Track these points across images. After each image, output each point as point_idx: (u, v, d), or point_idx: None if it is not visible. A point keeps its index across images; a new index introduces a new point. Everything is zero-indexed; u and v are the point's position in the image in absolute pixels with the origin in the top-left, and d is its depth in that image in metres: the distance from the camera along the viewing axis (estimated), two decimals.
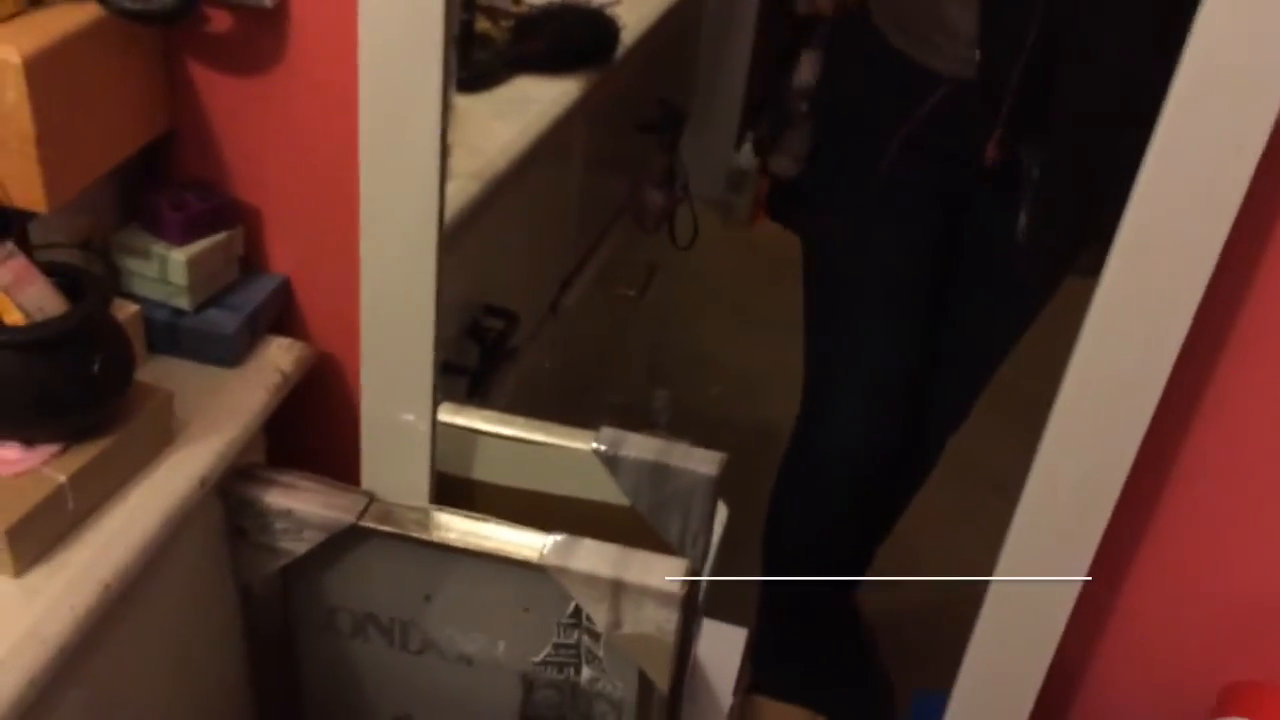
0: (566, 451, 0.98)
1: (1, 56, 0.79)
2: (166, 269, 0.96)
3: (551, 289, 1.42)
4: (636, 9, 1.42)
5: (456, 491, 1.00)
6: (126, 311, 0.94)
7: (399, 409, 0.95)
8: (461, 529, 0.95)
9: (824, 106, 1.49)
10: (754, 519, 1.56)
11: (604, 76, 1.31)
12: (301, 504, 0.95)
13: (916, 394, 1.46)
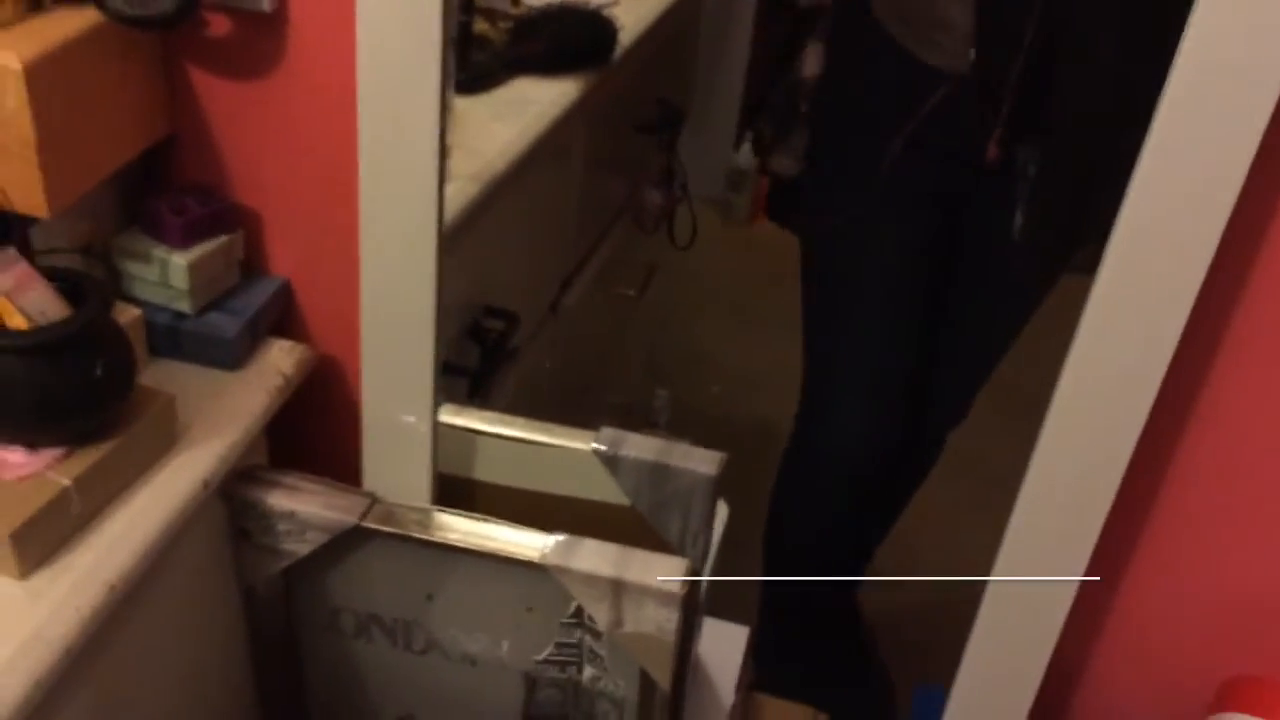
0: (567, 451, 0.98)
1: (2, 63, 0.80)
2: (168, 273, 0.96)
3: (551, 289, 1.42)
4: (634, 9, 1.42)
5: (458, 492, 1.00)
6: (128, 315, 0.94)
7: (400, 410, 0.96)
8: (463, 529, 0.95)
9: (824, 105, 1.49)
10: (754, 518, 1.56)
11: (602, 77, 1.31)
12: (304, 505, 0.96)
13: (916, 393, 1.46)
